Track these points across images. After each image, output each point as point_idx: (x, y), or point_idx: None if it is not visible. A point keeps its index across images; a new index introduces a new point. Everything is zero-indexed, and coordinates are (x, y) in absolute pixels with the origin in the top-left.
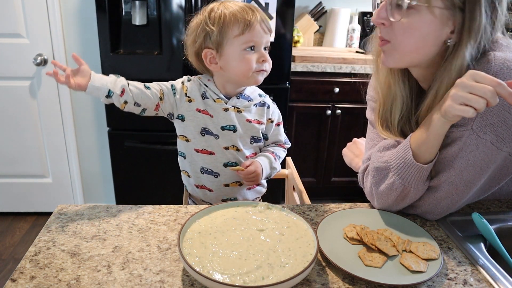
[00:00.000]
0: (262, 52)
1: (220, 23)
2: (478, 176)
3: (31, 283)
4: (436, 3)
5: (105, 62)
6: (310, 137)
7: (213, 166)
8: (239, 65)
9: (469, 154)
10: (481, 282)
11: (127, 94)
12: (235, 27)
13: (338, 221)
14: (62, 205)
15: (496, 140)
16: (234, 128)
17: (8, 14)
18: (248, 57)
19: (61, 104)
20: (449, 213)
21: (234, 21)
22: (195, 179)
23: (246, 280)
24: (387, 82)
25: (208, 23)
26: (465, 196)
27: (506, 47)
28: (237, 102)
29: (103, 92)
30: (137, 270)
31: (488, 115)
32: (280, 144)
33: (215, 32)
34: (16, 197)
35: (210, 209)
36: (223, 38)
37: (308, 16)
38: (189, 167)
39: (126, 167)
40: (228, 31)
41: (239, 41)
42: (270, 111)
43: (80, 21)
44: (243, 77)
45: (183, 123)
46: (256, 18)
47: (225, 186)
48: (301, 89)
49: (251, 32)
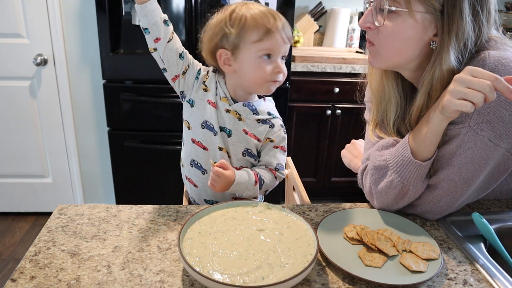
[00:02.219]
0: (278, 62)
1: (240, 26)
2: (476, 173)
3: (31, 283)
4: (417, 8)
5: (105, 62)
6: (310, 137)
7: (203, 162)
8: (253, 72)
9: (467, 151)
10: (481, 282)
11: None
12: (254, 32)
13: (338, 221)
14: (62, 205)
15: (494, 136)
16: (229, 132)
17: (8, 14)
18: (263, 66)
19: (61, 104)
20: (449, 213)
21: (254, 26)
22: (185, 170)
23: (246, 280)
24: (381, 83)
25: (228, 23)
26: (464, 194)
27: (501, 45)
28: (241, 109)
29: (158, 13)
30: (137, 270)
31: (484, 111)
32: (270, 168)
33: (233, 34)
34: (16, 197)
35: (210, 209)
36: (241, 41)
37: (308, 16)
38: (183, 155)
39: (126, 167)
40: (246, 35)
41: (256, 48)
42: (272, 131)
43: (80, 21)
44: (255, 84)
45: (191, 108)
46: (277, 26)
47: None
48: (301, 89)
49: (269, 40)
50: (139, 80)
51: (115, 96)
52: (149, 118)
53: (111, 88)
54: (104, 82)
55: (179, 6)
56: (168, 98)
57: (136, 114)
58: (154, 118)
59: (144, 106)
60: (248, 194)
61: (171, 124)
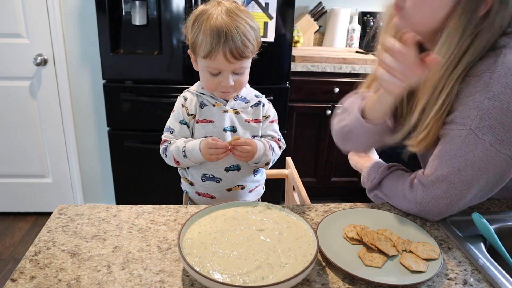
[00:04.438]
0: (226, 78)
1: (196, 35)
2: (476, 176)
3: (31, 283)
4: None
5: (105, 62)
6: (310, 137)
7: (215, 172)
8: (203, 81)
9: (468, 154)
10: (481, 282)
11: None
12: (201, 48)
13: (338, 221)
14: (62, 205)
15: (495, 141)
16: (234, 128)
17: (8, 14)
18: (211, 78)
19: (61, 104)
20: (450, 215)
21: (202, 41)
22: (198, 187)
23: (246, 280)
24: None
25: (190, 29)
26: (463, 197)
27: None
28: (235, 104)
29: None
30: (137, 270)
31: (486, 116)
32: (274, 139)
33: (190, 40)
34: (16, 197)
35: (210, 209)
36: (195, 50)
37: (308, 16)
38: (191, 175)
39: (126, 167)
40: (197, 47)
41: (204, 63)
42: (265, 109)
43: (80, 21)
44: (208, 89)
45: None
46: (218, 47)
47: (227, 191)
48: (301, 89)
49: (213, 60)
50: (139, 80)
51: (115, 96)
52: (149, 118)
53: (111, 88)
54: (104, 82)
55: (179, 6)
56: (168, 98)
57: (136, 114)
58: (154, 118)
59: (144, 106)
60: (265, 160)
61: None
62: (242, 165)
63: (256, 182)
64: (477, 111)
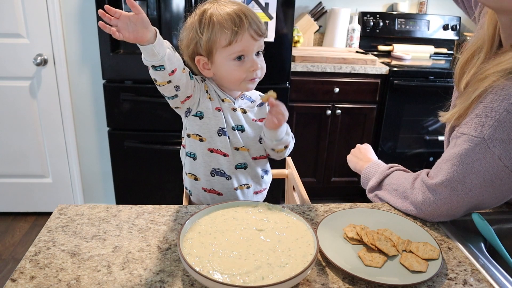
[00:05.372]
0: (253, 60)
1: (209, 32)
2: (480, 186)
3: (31, 283)
4: None
5: (105, 62)
6: (310, 137)
7: (226, 168)
8: (229, 74)
9: (475, 162)
10: (481, 282)
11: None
12: (223, 37)
13: (338, 221)
14: (62, 205)
15: (505, 156)
16: (242, 128)
17: (8, 14)
18: (238, 67)
19: (61, 104)
20: (451, 219)
21: (221, 30)
22: (204, 182)
23: (246, 280)
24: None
25: (198, 30)
26: (465, 205)
27: None
28: (242, 103)
29: (164, 49)
30: (137, 270)
31: (500, 129)
32: None
33: (204, 40)
34: (16, 197)
35: (210, 209)
36: (212, 46)
37: (308, 16)
38: (199, 169)
39: (126, 167)
40: (216, 40)
41: (227, 51)
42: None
43: (80, 21)
44: (233, 85)
45: (200, 120)
46: (243, 26)
47: (234, 190)
48: (301, 89)
49: (238, 42)
50: (139, 80)
51: (115, 96)
52: (149, 118)
53: (111, 88)
54: (104, 82)
55: (179, 6)
56: None
57: (136, 114)
58: (154, 118)
59: (144, 106)
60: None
61: (171, 124)
62: (249, 164)
63: (262, 183)
64: (494, 121)
